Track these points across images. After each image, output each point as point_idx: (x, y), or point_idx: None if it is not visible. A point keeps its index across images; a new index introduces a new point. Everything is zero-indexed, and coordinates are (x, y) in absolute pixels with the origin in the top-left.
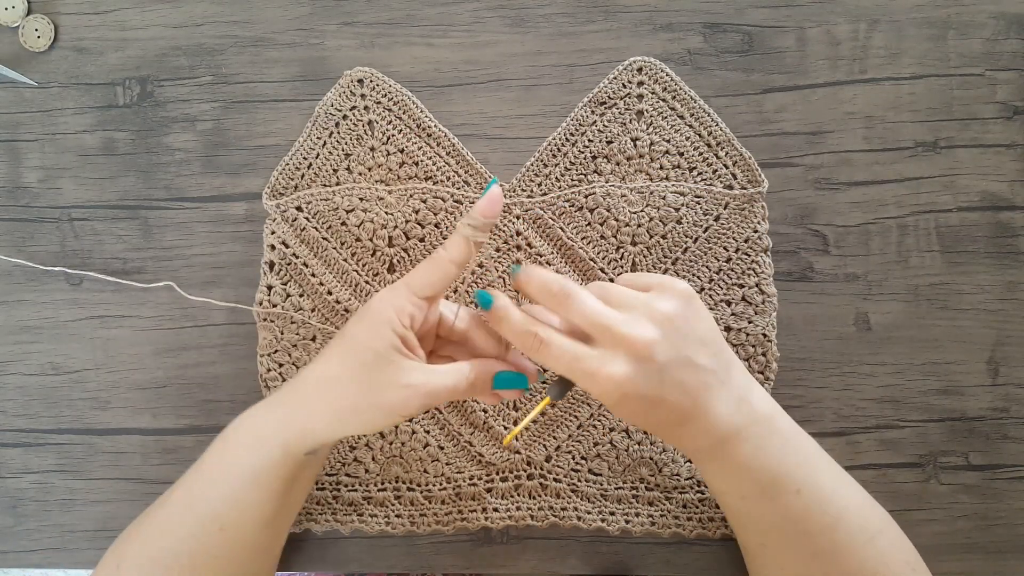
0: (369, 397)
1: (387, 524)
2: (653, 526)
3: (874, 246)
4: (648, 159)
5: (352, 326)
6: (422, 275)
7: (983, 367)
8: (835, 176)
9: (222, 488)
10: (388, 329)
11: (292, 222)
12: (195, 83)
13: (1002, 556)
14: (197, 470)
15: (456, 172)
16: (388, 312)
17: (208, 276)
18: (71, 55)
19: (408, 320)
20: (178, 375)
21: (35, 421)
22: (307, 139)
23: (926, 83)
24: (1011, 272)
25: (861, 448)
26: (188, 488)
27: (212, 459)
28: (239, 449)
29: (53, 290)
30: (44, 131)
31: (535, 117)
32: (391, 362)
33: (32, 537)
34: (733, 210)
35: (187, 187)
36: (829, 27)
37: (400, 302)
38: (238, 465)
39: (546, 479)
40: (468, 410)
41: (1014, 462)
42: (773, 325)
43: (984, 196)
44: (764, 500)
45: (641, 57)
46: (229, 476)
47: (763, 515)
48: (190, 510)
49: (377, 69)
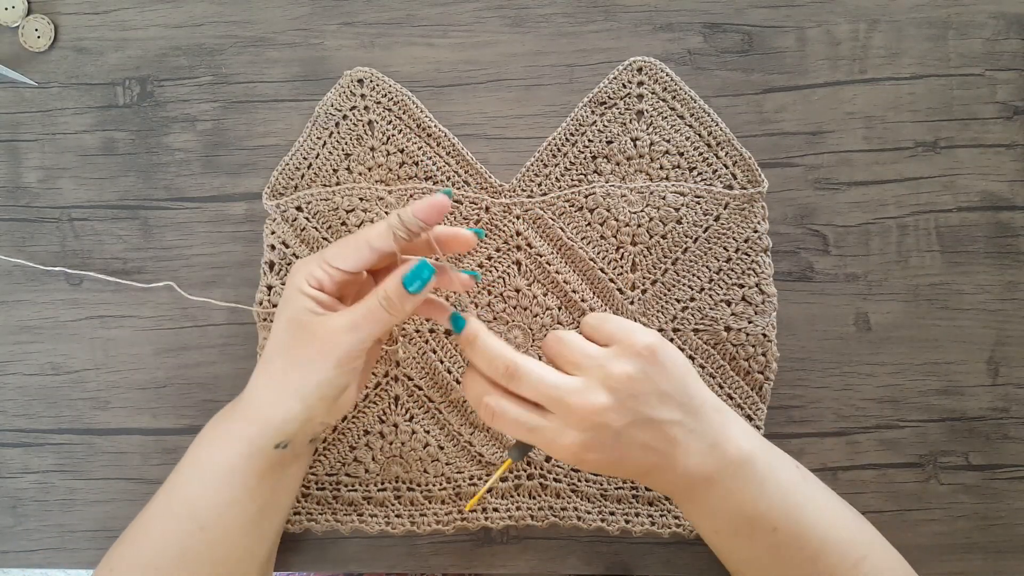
0: (298, 361)
1: (387, 524)
2: (653, 526)
3: (874, 246)
4: (648, 159)
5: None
6: (337, 246)
7: (983, 367)
8: (835, 176)
9: (196, 487)
10: (298, 293)
11: (292, 222)
12: (195, 83)
13: (1002, 556)
14: (176, 472)
15: (456, 172)
16: (297, 278)
17: (208, 276)
18: (71, 55)
19: (316, 283)
20: (178, 375)
21: (35, 421)
22: (307, 139)
23: (926, 83)
24: (1011, 272)
25: (861, 448)
26: (168, 490)
27: (187, 459)
28: (210, 448)
29: (53, 290)
30: (44, 131)
31: (535, 117)
32: (308, 321)
33: (32, 537)
34: (733, 210)
35: (187, 187)
36: (829, 27)
37: (308, 268)
38: (210, 463)
39: (546, 479)
40: (468, 410)
41: (1014, 462)
42: (773, 325)
43: (984, 196)
44: (740, 538)
45: (641, 57)
46: (203, 474)
47: (740, 550)
48: (170, 511)
49: (377, 69)
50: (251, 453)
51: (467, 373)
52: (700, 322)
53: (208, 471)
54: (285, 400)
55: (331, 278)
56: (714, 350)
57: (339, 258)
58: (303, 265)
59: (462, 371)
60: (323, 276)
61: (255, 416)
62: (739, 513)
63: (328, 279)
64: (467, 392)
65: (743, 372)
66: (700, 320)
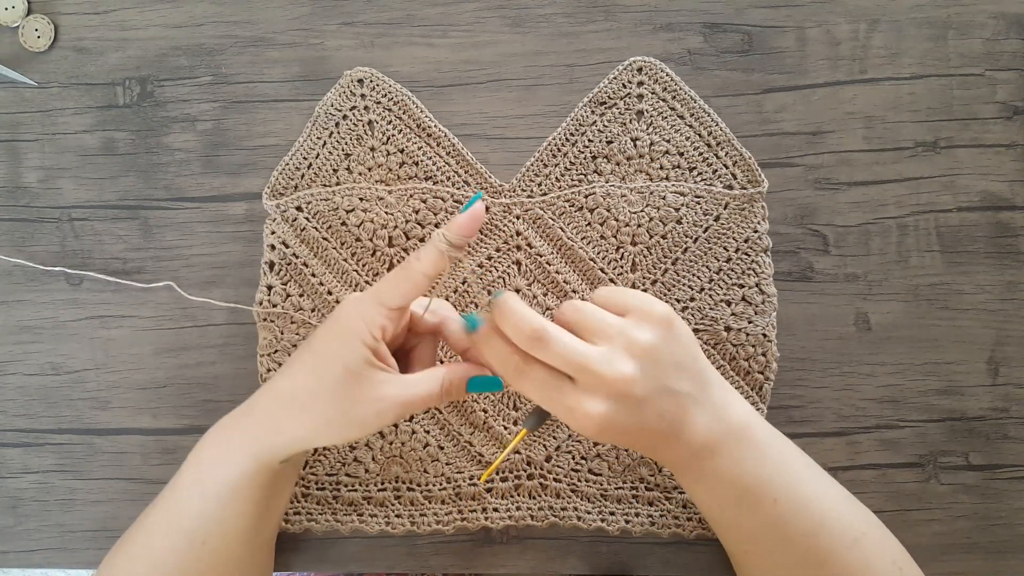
0: (342, 412)
1: (387, 524)
2: (653, 526)
3: (874, 246)
4: (648, 159)
5: (320, 337)
6: (392, 285)
7: (983, 367)
8: (835, 176)
9: (199, 503)
10: (359, 342)
11: (292, 222)
12: (195, 83)
13: (1002, 556)
14: (174, 486)
15: (456, 172)
16: (358, 324)
17: (208, 276)
18: (71, 55)
19: (379, 332)
20: (178, 375)
21: (35, 421)
22: (307, 139)
23: (926, 83)
24: (1011, 272)
25: (861, 448)
26: (167, 503)
27: (187, 474)
28: (213, 464)
29: (53, 290)
30: (44, 131)
31: (535, 117)
32: (364, 377)
33: (32, 537)
34: (733, 210)
35: (187, 187)
36: (829, 27)
37: (371, 315)
38: (213, 479)
39: (546, 479)
40: (468, 410)
41: (1014, 462)
42: (773, 325)
43: (984, 196)
44: (742, 510)
45: (641, 57)
46: (205, 491)
47: (743, 524)
48: (171, 525)
49: (377, 69)
50: (257, 469)
51: (489, 336)
52: (700, 322)
53: (211, 489)
54: (307, 436)
55: (392, 323)
56: (714, 350)
57: (397, 298)
58: (362, 309)
59: None
60: (386, 323)
61: (264, 435)
62: (741, 482)
63: (391, 325)
64: (490, 354)
65: (743, 372)
66: (700, 320)
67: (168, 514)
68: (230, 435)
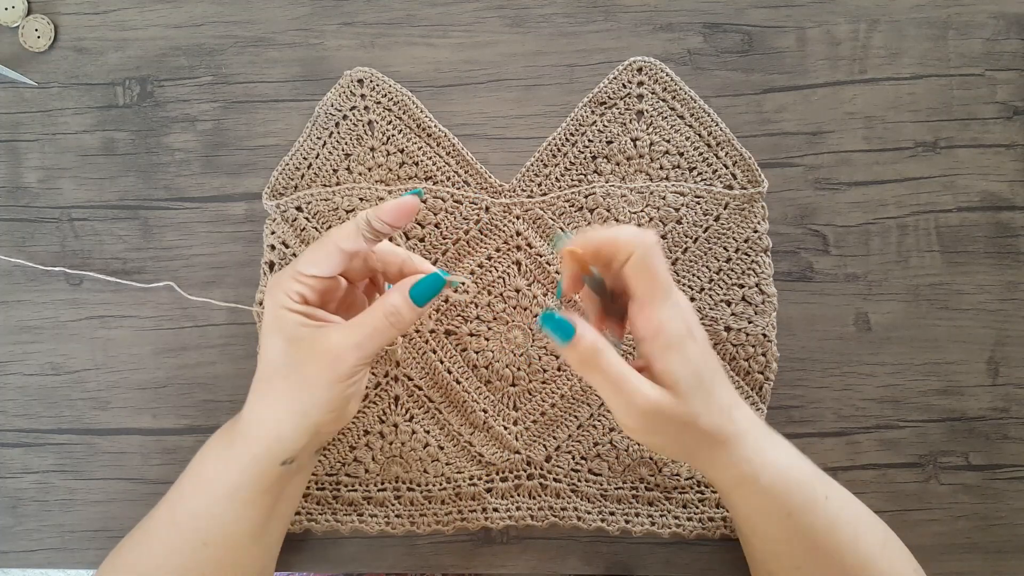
0: (302, 379)
1: (387, 524)
2: (653, 526)
3: (874, 246)
4: (648, 159)
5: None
6: (307, 254)
7: (983, 367)
8: (835, 176)
9: (200, 504)
10: (283, 309)
11: (292, 222)
12: (195, 83)
13: (1002, 556)
14: (177, 488)
15: (456, 172)
16: (277, 294)
17: (208, 276)
18: (71, 55)
19: (299, 297)
20: (178, 375)
21: (35, 421)
22: (307, 139)
23: (926, 83)
24: (1011, 272)
25: (861, 448)
26: (170, 505)
27: (190, 476)
28: (214, 465)
29: (53, 290)
30: (44, 131)
31: (535, 117)
32: (303, 338)
33: (32, 537)
34: (733, 210)
35: (187, 187)
36: (829, 27)
37: (286, 284)
38: (215, 481)
39: (546, 479)
40: (468, 410)
41: (1014, 462)
42: (773, 325)
43: (984, 196)
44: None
45: (641, 57)
46: (207, 493)
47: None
48: (173, 527)
49: (377, 69)
50: (259, 472)
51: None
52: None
53: (213, 488)
54: (290, 419)
55: (311, 288)
56: (714, 350)
57: (312, 266)
58: (279, 282)
59: (462, 371)
60: (303, 289)
61: (259, 437)
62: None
63: (308, 290)
64: None
65: (743, 372)
66: (700, 320)
67: (171, 516)
68: (226, 444)
